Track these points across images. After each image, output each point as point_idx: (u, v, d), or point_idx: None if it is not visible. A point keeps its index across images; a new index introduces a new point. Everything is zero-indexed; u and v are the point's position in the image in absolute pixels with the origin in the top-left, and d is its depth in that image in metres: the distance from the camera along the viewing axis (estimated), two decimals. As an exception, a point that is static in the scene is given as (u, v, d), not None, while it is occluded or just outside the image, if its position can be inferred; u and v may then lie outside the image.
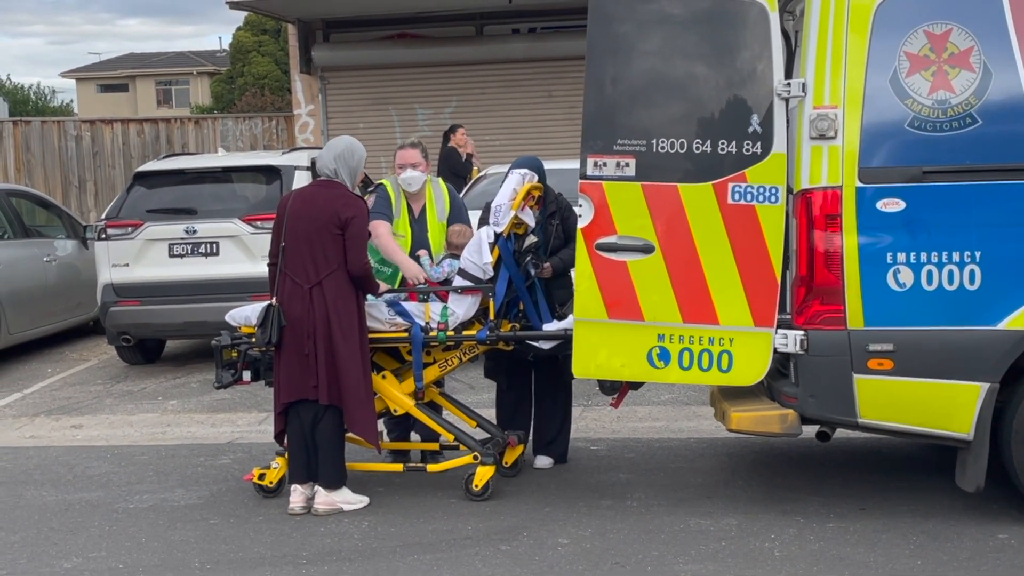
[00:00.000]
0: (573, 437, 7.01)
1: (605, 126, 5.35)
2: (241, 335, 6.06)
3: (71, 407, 8.84)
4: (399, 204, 6.31)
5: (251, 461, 6.84)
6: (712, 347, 5.30)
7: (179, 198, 9.88)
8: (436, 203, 6.38)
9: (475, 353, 6.04)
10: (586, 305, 5.43)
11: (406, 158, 6.30)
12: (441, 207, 6.38)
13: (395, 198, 6.29)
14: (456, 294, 5.90)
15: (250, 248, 9.43)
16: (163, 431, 7.99)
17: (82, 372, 10.33)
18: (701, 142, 5.26)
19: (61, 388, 9.53)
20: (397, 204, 6.30)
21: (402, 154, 6.30)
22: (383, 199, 6.31)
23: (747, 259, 5.24)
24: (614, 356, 5.44)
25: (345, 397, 5.57)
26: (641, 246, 5.33)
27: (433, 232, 6.31)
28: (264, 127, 17.65)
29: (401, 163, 6.30)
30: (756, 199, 5.22)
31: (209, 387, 9.12)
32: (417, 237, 6.28)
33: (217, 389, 6.17)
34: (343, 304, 5.61)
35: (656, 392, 8.24)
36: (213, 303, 9.22)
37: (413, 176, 6.26)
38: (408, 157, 6.29)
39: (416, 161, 6.28)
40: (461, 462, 5.97)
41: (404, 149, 6.31)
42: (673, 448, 6.80)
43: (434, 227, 6.33)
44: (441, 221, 6.34)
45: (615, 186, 5.33)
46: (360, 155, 5.78)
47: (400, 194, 6.31)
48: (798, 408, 5.25)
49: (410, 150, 6.29)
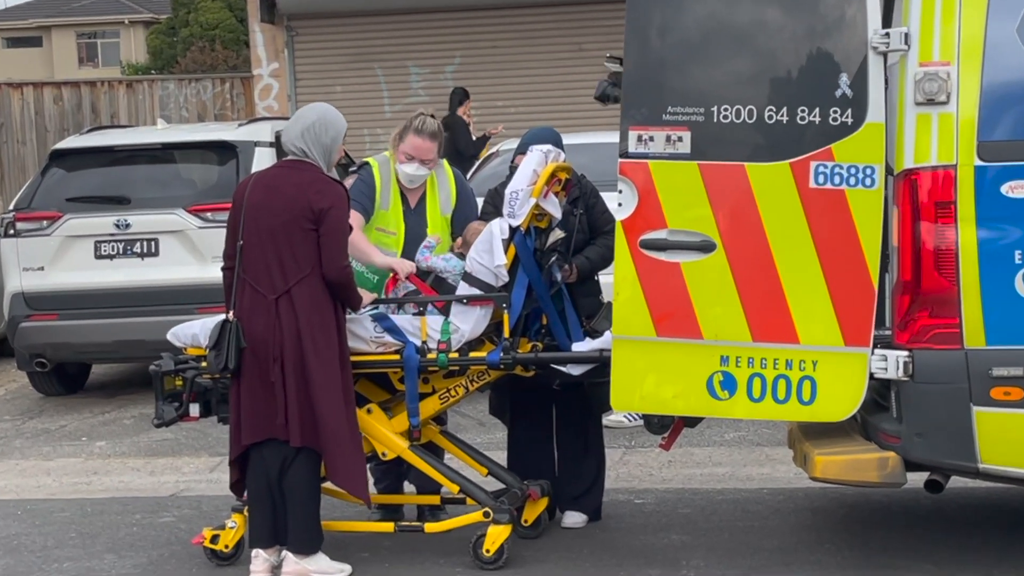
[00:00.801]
0: (612, 487, 6.99)
1: (651, 89, 5.35)
2: (188, 358, 6.07)
3: (-29, 450, 8.90)
4: (388, 192, 6.30)
5: (201, 519, 6.85)
6: (790, 372, 5.29)
7: (108, 183, 9.93)
8: (439, 191, 6.37)
9: (486, 380, 6.05)
10: (628, 319, 5.42)
11: (419, 149, 6.19)
12: (445, 197, 6.37)
13: (382, 184, 6.29)
14: (461, 305, 5.92)
15: (198, 247, 9.48)
16: (88, 481, 8.02)
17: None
18: (775, 109, 5.25)
19: (-42, 426, 9.60)
20: (385, 192, 6.29)
21: (415, 142, 6.18)
22: (364, 184, 6.27)
23: (835, 259, 5.23)
24: (664, 384, 5.43)
25: (324, 438, 5.59)
26: (698, 243, 5.33)
27: (434, 228, 6.31)
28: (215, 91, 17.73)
29: (410, 152, 6.20)
30: (846, 182, 5.21)
31: (147, 424, 9.13)
32: (413, 234, 6.28)
33: (157, 427, 6.19)
34: (318, 318, 5.62)
35: (718, 429, 8.22)
36: (152, 317, 9.25)
37: (418, 174, 6.25)
38: (421, 149, 6.19)
39: (431, 157, 6.23)
40: (468, 520, 5.98)
41: (418, 136, 6.17)
42: (740, 502, 6.79)
43: (435, 222, 6.33)
44: (445, 215, 6.34)
45: (665, 166, 5.33)
46: (337, 128, 5.79)
47: (391, 179, 6.30)
48: (901, 450, 5.24)
49: (428, 141, 6.19)
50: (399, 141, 6.24)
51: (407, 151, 6.21)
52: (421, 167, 6.22)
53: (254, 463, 5.74)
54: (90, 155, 10.07)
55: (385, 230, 6.29)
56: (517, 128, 14.26)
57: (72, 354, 9.90)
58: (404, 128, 6.25)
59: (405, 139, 6.22)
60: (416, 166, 6.22)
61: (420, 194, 6.34)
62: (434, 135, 6.21)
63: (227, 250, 5.78)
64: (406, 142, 6.21)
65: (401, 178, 6.26)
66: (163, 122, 11.54)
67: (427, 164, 6.22)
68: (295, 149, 5.73)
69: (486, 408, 6.79)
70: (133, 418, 9.57)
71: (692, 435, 7.78)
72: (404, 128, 6.25)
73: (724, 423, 8.22)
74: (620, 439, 8.16)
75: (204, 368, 5.92)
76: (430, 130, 6.21)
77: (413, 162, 6.22)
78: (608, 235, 6.11)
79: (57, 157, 10.08)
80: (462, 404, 6.50)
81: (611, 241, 5.97)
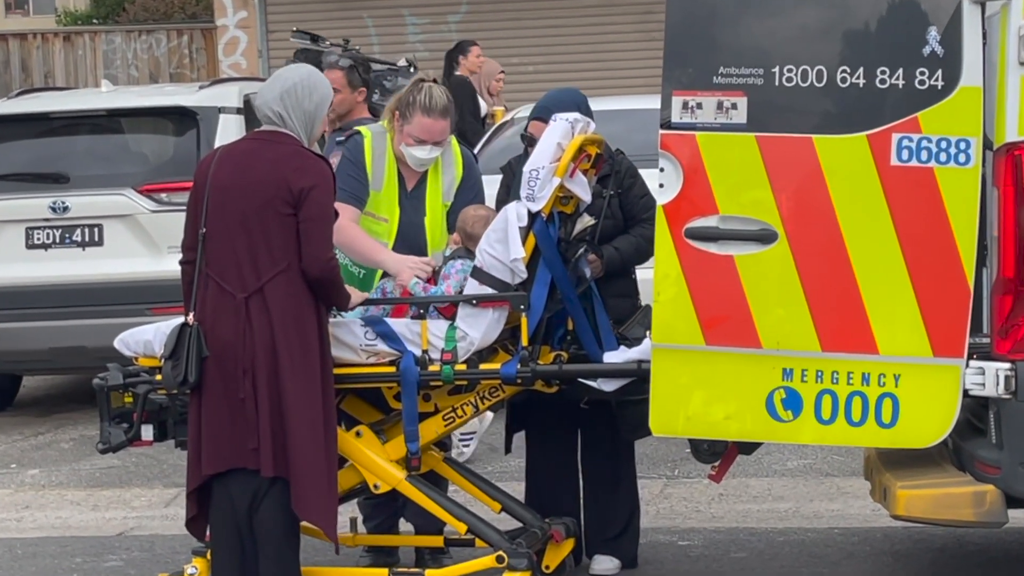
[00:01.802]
0: (651, 526, 7.01)
1: (699, 46, 5.37)
2: (139, 370, 6.09)
3: None
4: (381, 170, 6.32)
5: (154, 563, 6.86)
6: (867, 389, 5.30)
7: (42, 158, 9.97)
8: (443, 173, 6.38)
9: (499, 398, 6.07)
10: (671, 325, 5.43)
11: (430, 131, 6.18)
12: (449, 180, 6.38)
13: (372, 159, 6.31)
14: (469, 307, 5.93)
15: (150, 234, 9.51)
16: (19, 517, 8.05)
17: None
18: (850, 70, 5.26)
19: None
20: (378, 170, 6.31)
21: (424, 124, 6.17)
22: (352, 163, 6.28)
23: (921, 252, 5.24)
24: (715, 403, 5.44)
25: (294, 462, 5.61)
26: (756, 233, 5.34)
27: (433, 216, 6.33)
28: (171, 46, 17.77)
29: (419, 135, 6.19)
30: (935, 158, 5.22)
31: (89, 449, 9.17)
32: (408, 223, 6.30)
33: (102, 452, 6.21)
34: (296, 322, 5.63)
35: (779, 457, 8.23)
36: (95, 319, 9.29)
37: (430, 158, 6.27)
38: (433, 131, 6.18)
39: (443, 138, 6.24)
40: (478, 566, 5.99)
41: (428, 116, 6.16)
42: (806, 544, 6.80)
43: (435, 209, 6.35)
44: (446, 202, 6.36)
45: (716, 139, 5.34)
46: (323, 94, 5.80)
47: (386, 154, 6.32)
48: (1003, 483, 5.24)
49: (439, 120, 6.19)
50: (403, 121, 6.23)
51: (415, 134, 6.20)
52: (433, 149, 6.24)
53: (218, 497, 5.76)
54: (20, 123, 10.10)
55: (375, 215, 6.30)
56: (537, 91, 14.25)
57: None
58: (407, 104, 6.21)
59: (411, 119, 6.19)
60: (428, 149, 6.23)
61: (420, 175, 6.35)
62: (445, 111, 6.22)
63: (187, 240, 5.79)
64: (413, 123, 6.20)
65: (410, 162, 6.27)
66: (108, 83, 11.55)
67: (439, 145, 6.24)
68: (271, 114, 5.74)
69: (499, 430, 6.81)
70: (73, 441, 9.60)
71: (748, 463, 7.77)
72: (407, 104, 6.21)
73: (787, 449, 8.21)
74: (661, 468, 8.18)
75: (159, 382, 5.92)
76: (440, 106, 6.21)
77: (424, 145, 6.23)
78: (646, 224, 6.13)
79: (-20, 126, 10.13)
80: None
81: (649, 231, 5.99)
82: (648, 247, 6.21)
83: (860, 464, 7.12)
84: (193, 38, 17.73)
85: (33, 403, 10.90)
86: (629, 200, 6.34)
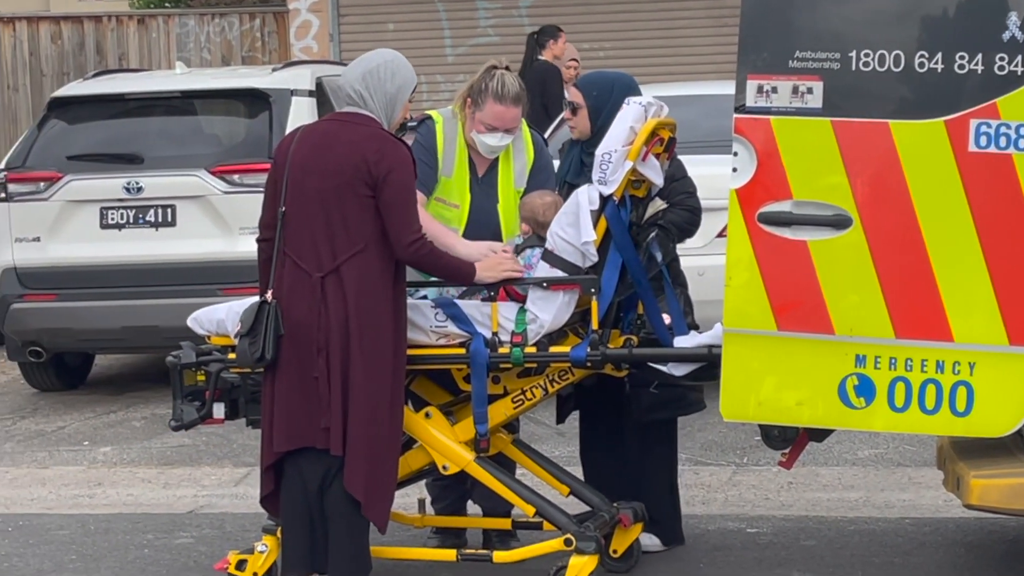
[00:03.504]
0: (720, 513, 7.01)
1: (775, 29, 5.35)
2: (212, 349, 6.14)
3: (-47, 454, 9.07)
4: (452, 155, 6.32)
5: (224, 541, 6.94)
6: (942, 376, 5.27)
7: (116, 139, 10.06)
8: (515, 159, 6.37)
9: (568, 381, 6.07)
10: (743, 310, 5.43)
11: (502, 119, 6.17)
12: (521, 165, 6.37)
13: (444, 145, 6.32)
14: (540, 290, 5.94)
15: (222, 215, 9.58)
16: (91, 493, 8.14)
17: (-31, 401, 10.57)
18: (928, 55, 5.23)
19: (-62, 425, 9.76)
20: (449, 155, 6.31)
21: (496, 111, 6.16)
22: (424, 148, 6.27)
23: (998, 238, 5.20)
24: (786, 389, 5.44)
25: (353, 439, 5.64)
26: (831, 218, 5.33)
27: (506, 202, 6.32)
28: (243, 29, 17.84)
29: (492, 123, 6.19)
30: (1014, 144, 5.18)
31: (160, 427, 9.27)
32: (479, 209, 6.29)
33: (175, 430, 6.26)
34: (369, 303, 5.66)
35: (849, 445, 8.19)
36: (167, 299, 9.38)
37: (501, 145, 6.26)
38: (505, 118, 6.17)
39: (515, 126, 6.24)
40: (546, 549, 6.00)
41: (501, 103, 6.15)
42: (876, 533, 6.77)
43: (507, 195, 6.33)
44: (518, 188, 6.36)
45: (790, 124, 5.33)
46: (405, 77, 5.82)
47: (456, 139, 6.33)
48: (1078, 474, 5.21)
49: (512, 107, 6.18)
50: (474, 108, 6.21)
51: (488, 121, 6.20)
52: (505, 136, 6.24)
53: (289, 475, 5.80)
54: (95, 104, 10.20)
55: (446, 201, 6.30)
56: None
57: (73, 342, 10.04)
58: (479, 91, 6.20)
59: (483, 106, 6.18)
60: (499, 136, 6.23)
61: (491, 161, 6.36)
62: (518, 98, 6.21)
63: (264, 218, 5.83)
64: (485, 110, 6.19)
65: (481, 149, 6.27)
66: (182, 65, 11.62)
67: (511, 132, 6.25)
68: (352, 93, 5.76)
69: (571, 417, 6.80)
70: (144, 419, 9.69)
71: (817, 451, 7.76)
72: (479, 91, 6.20)
73: (857, 437, 8.18)
74: (730, 455, 8.17)
75: (232, 361, 5.98)
76: (513, 94, 6.20)
77: (496, 132, 6.23)
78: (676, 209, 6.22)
79: (56, 107, 10.22)
80: (537, 409, 6.53)
81: (677, 216, 6.16)
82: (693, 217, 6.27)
83: (931, 454, 7.09)
84: (265, 22, 17.78)
85: (105, 381, 11.01)
86: (678, 190, 6.30)
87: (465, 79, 6.53)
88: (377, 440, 5.68)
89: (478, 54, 14.74)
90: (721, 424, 7.10)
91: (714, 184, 6.50)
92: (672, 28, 15.97)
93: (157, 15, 18.63)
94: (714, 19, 15.59)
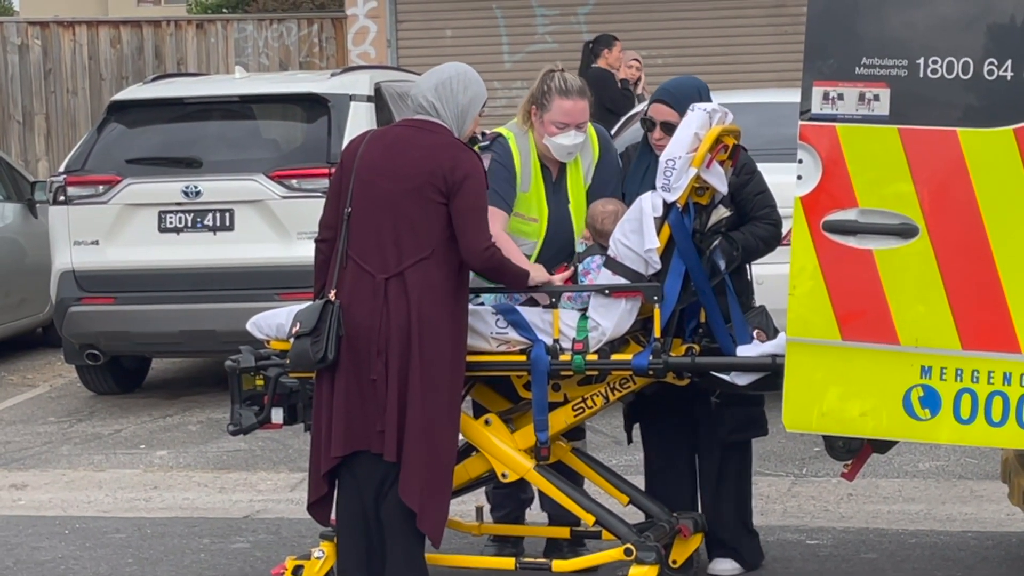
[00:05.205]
0: (779, 524, 6.97)
1: (841, 35, 5.33)
2: (271, 353, 6.17)
3: (9, 457, 9.12)
4: (528, 169, 6.25)
5: (280, 546, 6.97)
6: (1009, 389, 5.23)
7: (175, 143, 10.12)
8: (582, 157, 6.33)
9: (630, 389, 6.06)
10: (807, 319, 5.40)
11: (571, 113, 6.14)
12: (588, 163, 6.34)
13: (521, 161, 6.26)
14: (602, 297, 5.93)
15: (280, 220, 9.61)
16: (147, 497, 8.19)
17: (26, 404, 10.65)
18: (997, 62, 5.19)
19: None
20: (525, 170, 6.24)
21: (564, 107, 6.13)
22: (503, 167, 6.21)
23: (1068, 249, 5.15)
24: (850, 400, 5.41)
25: (410, 445, 5.64)
26: (897, 227, 5.29)
27: (576, 203, 6.27)
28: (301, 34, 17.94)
29: (562, 120, 6.15)
30: (1084, 154, 5.15)
31: (217, 431, 9.33)
32: (557, 218, 6.24)
33: (233, 435, 6.28)
34: (433, 310, 5.66)
35: (910, 457, 8.14)
36: (225, 303, 9.42)
37: (576, 143, 6.22)
38: (574, 112, 6.14)
39: (584, 120, 6.20)
40: (606, 558, 5.99)
41: (567, 99, 6.13)
42: (938, 547, 6.73)
43: (577, 195, 6.28)
44: (587, 184, 6.31)
45: (856, 131, 5.30)
46: (476, 91, 5.84)
47: (530, 153, 6.28)
48: None
49: (579, 100, 6.16)
50: (541, 111, 6.18)
51: (557, 120, 6.16)
52: (577, 133, 6.20)
53: (345, 481, 5.81)
54: (154, 108, 10.26)
55: (525, 216, 6.24)
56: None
57: (130, 345, 10.10)
58: (542, 93, 6.18)
59: (550, 106, 6.15)
60: (572, 134, 6.18)
61: (560, 165, 6.33)
62: (583, 91, 6.20)
63: (326, 218, 5.84)
64: (552, 109, 6.15)
65: (556, 153, 6.21)
66: (240, 70, 11.70)
67: (582, 128, 6.23)
68: (424, 103, 5.78)
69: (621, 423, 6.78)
70: (200, 423, 9.74)
71: (878, 463, 7.71)
72: (542, 93, 6.18)
73: (919, 449, 8.14)
74: (789, 466, 8.13)
75: (290, 364, 5.98)
76: (577, 87, 6.19)
77: (568, 130, 6.18)
78: (758, 223, 6.15)
79: (115, 110, 10.29)
80: (595, 417, 6.52)
81: (761, 230, 6.08)
82: (758, 245, 6.21)
83: (993, 467, 7.05)
84: (323, 27, 17.88)
85: (162, 385, 11.08)
86: (743, 196, 6.26)
87: (523, 85, 6.54)
88: (433, 448, 5.68)
89: (536, 61, 14.73)
90: (779, 434, 7.06)
91: (774, 193, 6.45)
92: (731, 35, 15.95)
93: (216, 20, 18.77)
94: (774, 27, 15.57)
